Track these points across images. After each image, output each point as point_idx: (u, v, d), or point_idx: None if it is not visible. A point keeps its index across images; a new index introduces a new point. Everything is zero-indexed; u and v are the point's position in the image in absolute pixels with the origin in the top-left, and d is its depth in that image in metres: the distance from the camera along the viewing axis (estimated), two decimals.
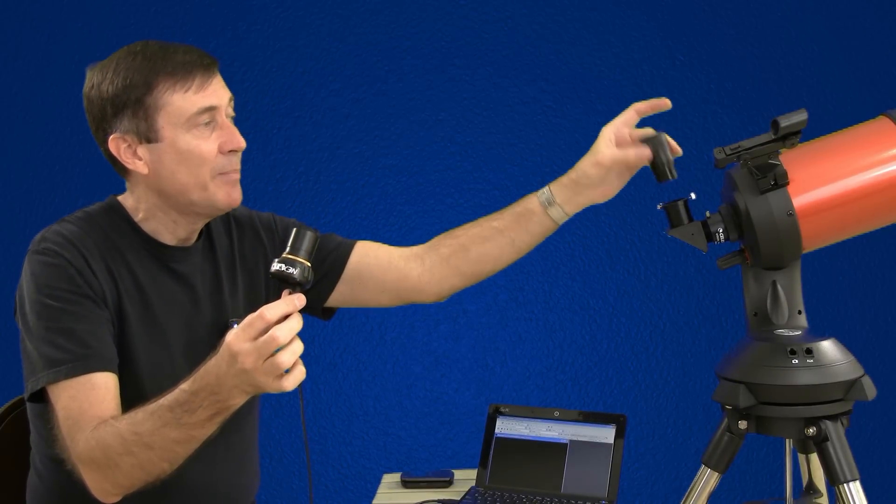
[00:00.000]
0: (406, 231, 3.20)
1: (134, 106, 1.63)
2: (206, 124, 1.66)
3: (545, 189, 1.85)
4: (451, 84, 3.20)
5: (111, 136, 1.66)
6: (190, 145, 1.64)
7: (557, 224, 1.84)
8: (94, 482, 1.56)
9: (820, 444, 1.55)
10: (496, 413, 2.18)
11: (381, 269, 1.91)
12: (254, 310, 1.53)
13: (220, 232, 1.84)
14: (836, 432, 1.54)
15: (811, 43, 3.20)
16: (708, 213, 1.63)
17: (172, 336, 1.71)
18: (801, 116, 1.56)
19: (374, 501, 2.25)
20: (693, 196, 1.63)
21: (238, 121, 1.76)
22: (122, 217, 1.72)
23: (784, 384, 1.53)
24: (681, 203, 1.62)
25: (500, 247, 1.86)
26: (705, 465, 1.63)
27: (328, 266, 1.89)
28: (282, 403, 3.13)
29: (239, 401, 1.47)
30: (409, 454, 3.20)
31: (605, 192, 1.80)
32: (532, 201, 1.85)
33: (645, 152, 1.73)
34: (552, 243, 3.21)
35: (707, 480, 1.63)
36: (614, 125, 1.78)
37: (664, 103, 1.74)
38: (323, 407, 3.18)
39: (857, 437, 1.58)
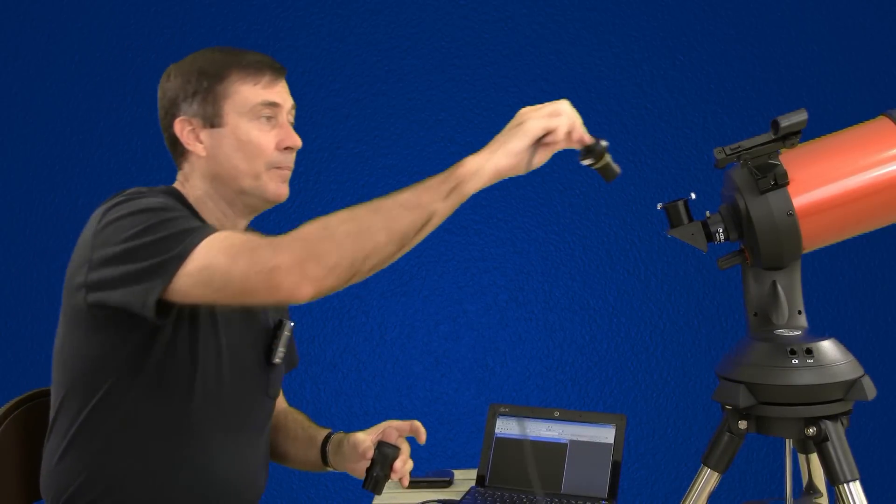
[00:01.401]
0: None
1: (204, 92, 1.73)
2: (268, 119, 1.74)
3: (331, 436, 1.97)
4: (451, 84, 3.20)
5: (178, 119, 1.74)
6: (250, 134, 1.72)
7: (320, 465, 1.98)
8: (289, 270, 1.47)
9: (820, 444, 1.55)
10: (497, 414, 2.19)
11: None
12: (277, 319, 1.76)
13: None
14: (836, 432, 1.54)
15: (811, 43, 3.20)
16: (708, 213, 1.63)
17: (222, 327, 1.72)
18: (801, 116, 1.56)
19: (374, 501, 2.25)
20: (693, 196, 1.63)
21: None
22: (182, 202, 1.74)
23: (784, 384, 1.53)
24: (681, 203, 1.62)
25: (293, 450, 2.01)
26: (705, 465, 1.63)
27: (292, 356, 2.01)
28: None
29: (479, 184, 1.60)
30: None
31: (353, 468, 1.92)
32: (320, 434, 1.98)
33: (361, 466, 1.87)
34: (552, 243, 3.22)
35: (707, 480, 1.63)
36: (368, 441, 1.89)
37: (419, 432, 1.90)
38: (323, 407, 3.18)
39: (857, 437, 1.58)
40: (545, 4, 3.20)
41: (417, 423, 1.90)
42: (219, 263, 1.50)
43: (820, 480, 1.72)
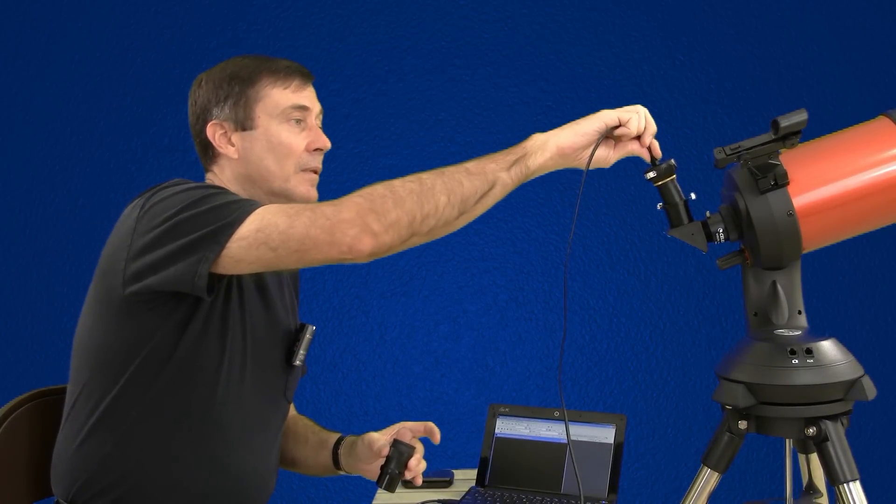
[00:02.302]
0: None
1: (236, 96, 1.77)
2: (297, 122, 1.79)
3: (342, 439, 2.00)
4: (451, 84, 3.21)
5: (210, 123, 1.78)
6: (281, 136, 1.77)
7: (331, 468, 2.01)
8: (351, 221, 1.48)
9: (820, 444, 1.55)
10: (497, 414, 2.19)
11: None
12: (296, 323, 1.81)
13: None
14: (836, 432, 1.54)
15: (811, 43, 3.20)
16: (708, 213, 1.63)
17: (248, 324, 1.74)
18: (801, 116, 1.56)
19: (374, 501, 2.25)
20: (693, 196, 1.63)
21: None
22: None
23: (784, 384, 1.53)
24: (681, 203, 1.62)
25: (303, 454, 2.04)
26: (705, 465, 1.63)
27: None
28: None
29: (542, 159, 1.63)
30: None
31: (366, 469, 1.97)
32: (331, 438, 2.01)
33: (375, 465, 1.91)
34: (552, 243, 3.22)
35: (707, 480, 1.63)
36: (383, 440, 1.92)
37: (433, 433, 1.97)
38: (323, 407, 3.18)
39: (857, 437, 1.58)
40: (545, 4, 3.20)
41: (431, 424, 1.95)
42: (277, 222, 1.52)
43: (820, 480, 1.72)
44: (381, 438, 1.90)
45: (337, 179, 3.18)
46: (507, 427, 2.17)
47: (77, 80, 3.14)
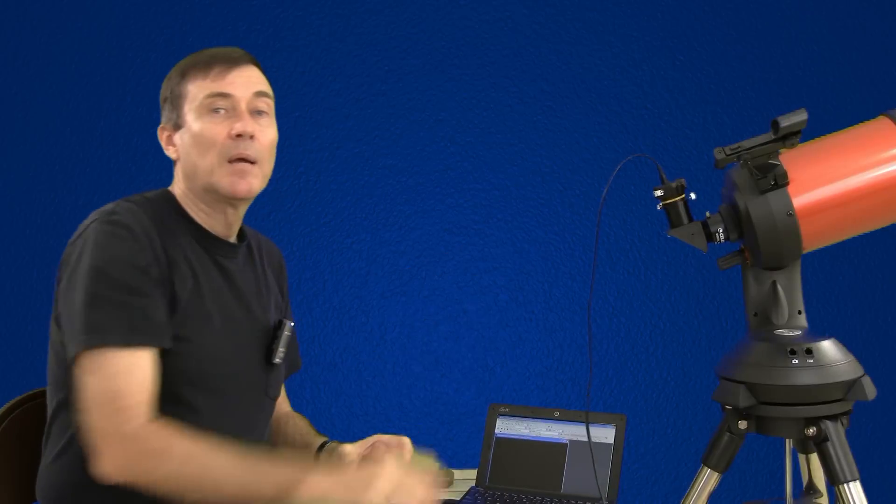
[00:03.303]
0: (406, 231, 3.20)
1: (171, 96, 1.77)
2: (221, 111, 1.72)
3: (326, 444, 1.96)
4: (451, 84, 3.20)
5: (159, 127, 1.80)
6: (202, 129, 1.72)
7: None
8: (114, 461, 1.54)
9: (820, 444, 1.55)
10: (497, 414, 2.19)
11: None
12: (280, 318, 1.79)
13: (253, 241, 1.90)
14: (836, 432, 1.54)
15: (811, 43, 3.20)
16: (708, 214, 1.63)
17: (220, 325, 1.73)
18: (801, 116, 1.56)
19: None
20: (693, 196, 1.63)
21: None
22: (174, 204, 1.77)
23: (784, 384, 1.53)
24: (681, 203, 1.62)
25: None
26: (705, 465, 1.63)
27: (293, 360, 2.01)
28: None
29: (307, 494, 1.54)
30: None
31: None
32: (315, 442, 1.97)
33: None
34: (552, 243, 3.22)
35: (707, 480, 1.63)
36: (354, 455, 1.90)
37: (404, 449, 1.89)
38: (323, 407, 3.17)
39: (857, 437, 1.58)
40: (545, 4, 3.20)
41: (405, 440, 1.88)
42: (86, 383, 1.57)
43: (820, 480, 1.72)
44: (352, 453, 1.87)
45: (337, 179, 3.18)
46: (507, 427, 2.17)
47: (77, 80, 3.14)
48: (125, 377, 1.57)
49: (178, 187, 1.79)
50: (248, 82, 1.75)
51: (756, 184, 1.55)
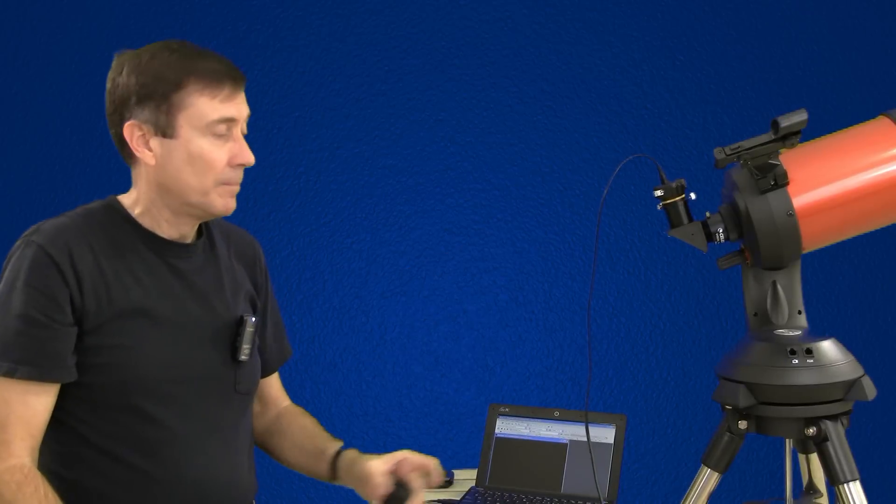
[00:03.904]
0: (406, 231, 3.21)
1: (159, 99, 1.67)
2: (221, 135, 1.69)
3: (342, 452, 1.95)
4: (451, 84, 3.20)
5: (128, 122, 1.70)
6: (202, 150, 1.68)
7: (328, 477, 1.98)
8: None
9: (820, 444, 1.55)
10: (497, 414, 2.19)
11: (271, 389, 2.02)
12: (254, 312, 1.75)
13: (219, 236, 1.86)
14: (836, 432, 1.54)
15: (811, 43, 3.20)
16: (708, 214, 1.63)
17: (174, 328, 1.72)
18: (801, 116, 1.56)
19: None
20: (693, 196, 1.63)
21: None
22: (120, 214, 1.75)
23: (784, 384, 1.53)
24: (681, 203, 1.62)
25: (300, 461, 2.01)
26: (705, 465, 1.63)
27: (278, 351, 1.98)
28: None
29: None
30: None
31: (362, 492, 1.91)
32: (330, 448, 1.95)
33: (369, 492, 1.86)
34: (552, 243, 3.22)
35: (707, 480, 1.63)
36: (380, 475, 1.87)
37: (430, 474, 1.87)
38: (323, 407, 3.17)
39: (857, 437, 1.58)
40: (545, 4, 3.20)
41: (431, 464, 1.85)
42: None
43: (820, 480, 1.72)
44: (380, 470, 1.84)
45: (337, 179, 3.18)
46: (507, 427, 2.17)
47: (77, 80, 3.14)
48: (11, 408, 1.59)
49: (137, 192, 1.75)
50: (244, 105, 1.73)
51: (756, 184, 1.55)
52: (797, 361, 1.53)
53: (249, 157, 1.71)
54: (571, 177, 3.21)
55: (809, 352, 1.53)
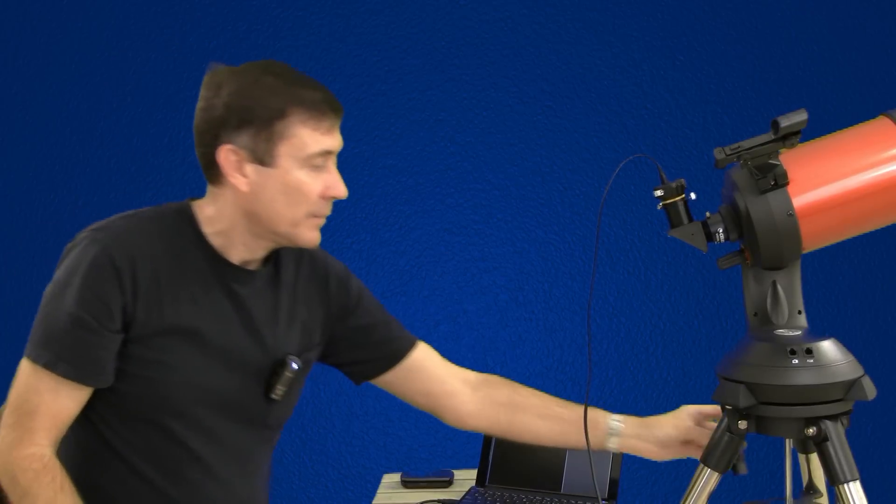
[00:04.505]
0: (406, 231, 3.20)
1: (260, 125, 1.62)
2: (318, 166, 1.66)
3: (619, 419, 1.87)
4: (451, 84, 3.20)
5: (225, 146, 1.64)
6: (300, 181, 1.64)
7: (604, 448, 1.89)
8: None
9: (820, 444, 1.55)
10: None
11: (435, 378, 1.96)
12: (306, 348, 1.74)
13: (289, 261, 1.81)
14: (836, 432, 1.54)
15: (811, 43, 3.20)
16: (708, 214, 1.63)
17: (218, 353, 1.69)
18: (801, 116, 1.56)
19: (374, 501, 2.25)
20: (693, 196, 1.63)
21: None
22: (191, 226, 1.70)
23: (784, 384, 1.53)
24: (681, 203, 1.62)
25: (549, 430, 1.91)
26: (705, 464, 1.63)
27: (389, 351, 1.93)
28: None
29: None
30: (409, 454, 3.20)
31: (659, 453, 1.85)
32: (601, 419, 1.88)
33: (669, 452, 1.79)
34: (552, 243, 3.22)
35: (707, 480, 1.63)
36: (697, 408, 1.83)
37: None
38: (323, 407, 3.17)
39: (857, 437, 1.58)
40: (545, 4, 3.20)
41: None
42: (17, 383, 1.64)
43: (820, 480, 1.72)
44: (691, 422, 1.80)
45: None
46: None
47: (77, 80, 3.14)
48: (42, 398, 1.61)
49: (217, 211, 1.69)
50: (340, 137, 1.70)
51: (756, 184, 1.54)
52: (797, 361, 1.53)
53: (343, 191, 1.68)
54: (571, 177, 3.21)
55: (809, 352, 1.53)
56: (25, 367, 1.64)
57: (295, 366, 1.74)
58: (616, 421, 1.87)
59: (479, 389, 1.94)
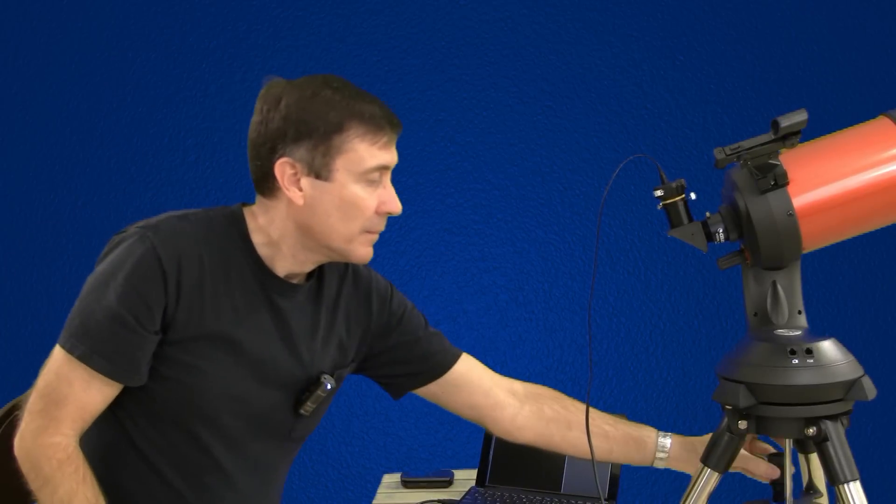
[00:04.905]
0: (406, 231, 3.20)
1: (318, 139, 1.62)
2: (374, 181, 1.66)
3: (668, 439, 1.87)
4: (451, 84, 3.20)
5: (282, 159, 1.63)
6: (356, 196, 1.64)
7: (650, 465, 1.89)
8: (18, 451, 1.61)
9: (820, 444, 1.55)
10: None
11: (480, 391, 1.94)
12: (340, 365, 1.72)
13: (333, 277, 1.80)
14: (836, 432, 1.54)
15: (811, 43, 3.20)
16: (708, 214, 1.63)
17: (253, 364, 1.68)
18: (801, 116, 1.56)
19: (374, 501, 2.25)
20: (693, 196, 1.63)
21: (238, 121, 1.75)
22: (240, 233, 1.69)
23: (784, 384, 1.53)
24: (681, 203, 1.62)
25: (595, 448, 1.84)
26: (705, 465, 1.63)
27: (429, 366, 1.91)
28: None
29: None
30: (409, 454, 3.20)
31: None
32: (649, 436, 1.87)
33: (774, 472, 1.75)
34: (552, 243, 3.22)
35: (707, 480, 1.63)
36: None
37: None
38: None
39: (857, 437, 1.58)
40: (545, 4, 3.20)
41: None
42: (48, 370, 1.62)
43: (820, 480, 1.72)
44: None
45: None
46: None
47: (77, 80, 3.14)
48: (73, 388, 1.59)
49: (267, 221, 1.68)
50: (396, 152, 1.72)
51: (756, 184, 1.55)
52: (797, 361, 1.53)
53: (398, 206, 1.69)
54: (571, 177, 3.21)
55: (809, 352, 1.53)
56: (59, 356, 1.61)
57: (329, 386, 1.74)
58: (665, 443, 1.87)
59: (527, 402, 1.94)
